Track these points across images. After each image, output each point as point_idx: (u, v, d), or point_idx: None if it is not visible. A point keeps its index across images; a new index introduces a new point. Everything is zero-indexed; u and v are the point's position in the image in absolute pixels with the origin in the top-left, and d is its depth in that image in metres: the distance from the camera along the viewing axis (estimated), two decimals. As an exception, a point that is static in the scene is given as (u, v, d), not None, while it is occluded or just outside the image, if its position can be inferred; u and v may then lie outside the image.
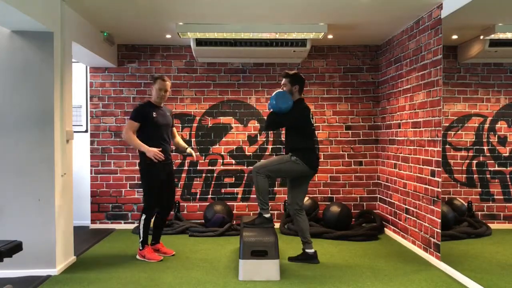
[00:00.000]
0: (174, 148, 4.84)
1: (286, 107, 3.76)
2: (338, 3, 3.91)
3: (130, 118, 3.98)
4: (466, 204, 3.88)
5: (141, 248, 4.01)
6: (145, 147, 3.84)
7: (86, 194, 5.48)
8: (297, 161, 3.77)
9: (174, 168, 4.95)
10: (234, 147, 5.52)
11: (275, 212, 5.46)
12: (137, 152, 4.03)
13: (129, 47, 5.49)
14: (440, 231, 3.82)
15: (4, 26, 3.50)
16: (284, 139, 4.13)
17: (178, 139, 4.36)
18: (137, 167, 5.39)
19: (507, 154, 3.72)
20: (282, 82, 3.93)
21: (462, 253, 3.88)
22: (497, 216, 3.76)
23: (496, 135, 3.74)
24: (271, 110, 3.83)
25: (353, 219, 5.30)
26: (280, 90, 3.88)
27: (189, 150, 4.27)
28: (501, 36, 3.58)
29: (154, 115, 3.96)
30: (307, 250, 3.92)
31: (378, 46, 5.55)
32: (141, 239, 4.00)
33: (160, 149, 3.89)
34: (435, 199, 3.92)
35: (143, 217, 3.97)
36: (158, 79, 4.04)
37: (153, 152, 3.82)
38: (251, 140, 5.53)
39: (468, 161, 3.85)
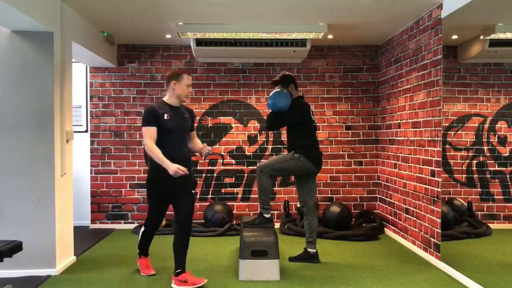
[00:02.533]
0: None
1: (284, 105, 3.76)
2: (338, 3, 3.90)
3: (143, 125, 3.31)
4: (466, 204, 3.88)
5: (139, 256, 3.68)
6: (166, 163, 3.19)
7: (86, 194, 5.48)
8: (300, 158, 3.76)
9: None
10: (234, 147, 5.52)
11: (275, 212, 5.46)
12: (148, 162, 3.54)
13: (129, 47, 5.49)
14: (440, 231, 3.82)
15: (4, 26, 3.50)
16: (284, 138, 4.11)
17: (195, 141, 3.67)
18: (137, 167, 5.45)
19: (507, 154, 3.72)
20: (275, 89, 3.90)
21: (462, 253, 3.88)
22: (497, 216, 3.76)
23: (496, 135, 3.74)
24: (270, 110, 3.84)
25: (353, 219, 5.30)
26: (277, 89, 3.88)
27: (204, 150, 3.61)
28: (501, 36, 3.58)
29: (165, 118, 3.31)
30: (309, 250, 3.92)
31: (378, 46, 5.54)
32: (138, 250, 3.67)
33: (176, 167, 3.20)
34: (435, 199, 3.92)
35: (142, 229, 3.64)
36: (183, 74, 3.47)
37: (174, 170, 3.16)
38: (251, 140, 5.53)
39: (468, 161, 3.85)
